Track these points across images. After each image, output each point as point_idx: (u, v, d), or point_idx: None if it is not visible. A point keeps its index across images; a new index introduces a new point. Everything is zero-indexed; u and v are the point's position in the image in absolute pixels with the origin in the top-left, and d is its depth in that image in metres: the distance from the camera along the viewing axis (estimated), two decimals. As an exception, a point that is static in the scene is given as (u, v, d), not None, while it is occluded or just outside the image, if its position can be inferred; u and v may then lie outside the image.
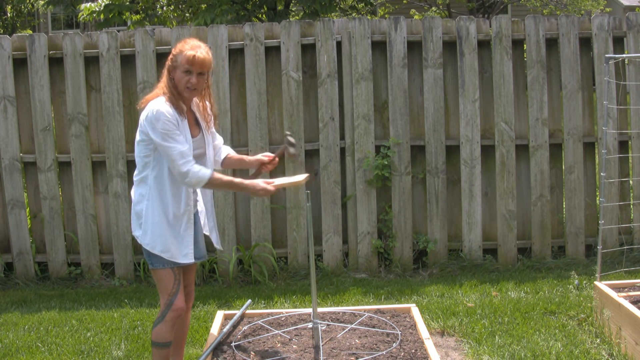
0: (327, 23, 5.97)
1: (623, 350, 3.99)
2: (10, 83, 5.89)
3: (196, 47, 3.36)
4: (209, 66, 3.40)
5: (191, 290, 3.68)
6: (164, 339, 3.42)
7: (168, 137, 3.29)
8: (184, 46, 3.37)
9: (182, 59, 3.34)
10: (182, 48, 3.37)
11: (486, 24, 6.05)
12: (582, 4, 14.70)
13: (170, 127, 3.28)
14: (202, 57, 3.34)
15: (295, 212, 5.99)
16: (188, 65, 3.32)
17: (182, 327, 3.69)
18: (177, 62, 3.36)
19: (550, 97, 6.11)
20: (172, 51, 3.42)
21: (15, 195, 5.95)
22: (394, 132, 5.97)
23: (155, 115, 3.30)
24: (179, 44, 3.41)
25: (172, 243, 3.37)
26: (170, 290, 3.40)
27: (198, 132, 3.51)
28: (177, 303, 3.39)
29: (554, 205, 6.15)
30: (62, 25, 18.86)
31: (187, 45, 3.37)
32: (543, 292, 5.24)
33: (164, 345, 3.43)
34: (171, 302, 3.39)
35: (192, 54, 3.31)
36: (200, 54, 3.33)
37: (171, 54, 3.41)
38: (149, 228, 3.37)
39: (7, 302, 5.44)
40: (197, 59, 3.32)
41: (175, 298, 3.39)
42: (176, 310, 3.40)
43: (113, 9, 9.46)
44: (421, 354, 3.60)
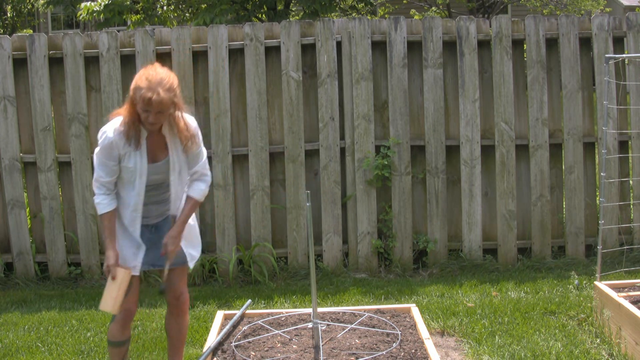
0: (327, 23, 5.97)
1: (623, 350, 3.99)
2: (10, 83, 5.89)
3: (153, 88, 3.16)
4: (167, 106, 3.22)
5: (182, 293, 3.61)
6: (115, 338, 3.50)
7: (98, 162, 3.33)
8: (142, 82, 3.19)
9: (139, 98, 3.18)
10: (140, 84, 3.19)
11: (486, 24, 6.05)
12: (582, 4, 14.70)
13: (105, 156, 3.30)
14: (159, 100, 3.16)
15: (295, 212, 5.99)
16: (145, 106, 3.19)
17: (179, 331, 3.67)
18: (136, 99, 3.20)
19: (550, 97, 6.11)
20: (133, 82, 3.24)
21: (15, 195, 5.95)
22: (394, 132, 5.97)
23: (100, 137, 3.31)
24: (139, 77, 3.22)
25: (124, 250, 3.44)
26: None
27: (164, 157, 3.41)
28: (125, 304, 3.42)
29: (554, 205, 6.15)
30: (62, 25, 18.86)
31: (144, 81, 3.18)
32: (543, 292, 5.24)
33: (116, 344, 3.50)
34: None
35: (149, 97, 3.15)
36: (156, 98, 3.15)
37: (133, 83, 3.24)
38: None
39: (7, 302, 5.44)
40: (153, 103, 3.16)
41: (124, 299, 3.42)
42: (124, 311, 3.44)
43: (113, 9, 9.45)
44: (421, 354, 3.60)
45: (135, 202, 3.39)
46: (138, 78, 3.22)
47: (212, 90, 5.91)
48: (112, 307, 3.35)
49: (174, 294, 3.60)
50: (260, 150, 5.96)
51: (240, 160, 6.06)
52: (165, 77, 3.24)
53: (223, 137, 5.92)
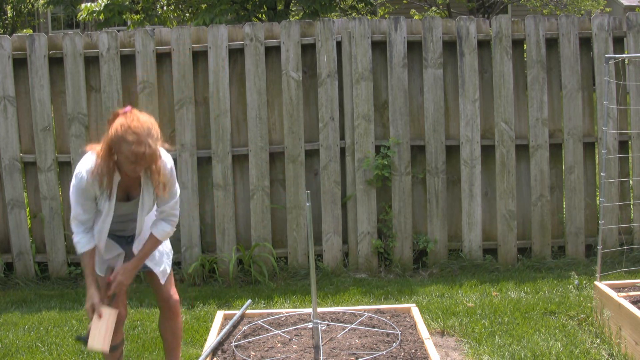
0: (327, 23, 5.97)
1: (623, 350, 3.99)
2: (10, 83, 5.89)
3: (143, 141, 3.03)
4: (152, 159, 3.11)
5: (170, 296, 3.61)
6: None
7: (74, 200, 3.28)
8: (128, 134, 3.03)
9: (127, 152, 3.04)
10: (126, 137, 3.03)
11: (486, 24, 6.05)
12: (582, 4, 14.71)
13: (80, 196, 3.26)
14: (151, 153, 3.07)
15: (295, 212, 5.99)
16: (135, 160, 3.06)
17: (173, 333, 3.68)
18: (122, 151, 3.06)
19: (550, 97, 6.11)
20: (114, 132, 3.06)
21: (15, 195, 5.95)
22: (394, 132, 5.97)
23: (76, 176, 3.25)
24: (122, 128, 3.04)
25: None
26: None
27: (136, 195, 3.36)
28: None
29: (554, 205, 6.15)
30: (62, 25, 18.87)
31: (131, 135, 3.03)
32: (543, 292, 5.24)
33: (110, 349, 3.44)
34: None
35: (142, 152, 3.03)
36: (149, 151, 3.05)
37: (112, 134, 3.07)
38: None
39: (7, 302, 5.44)
40: (146, 157, 3.06)
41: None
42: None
43: (113, 9, 9.46)
44: (421, 354, 3.60)
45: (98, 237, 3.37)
46: (121, 129, 3.04)
47: (212, 90, 5.91)
48: (103, 345, 3.26)
49: (162, 297, 3.61)
50: (260, 150, 5.96)
51: (240, 160, 6.06)
52: (150, 125, 3.10)
53: (223, 137, 5.92)
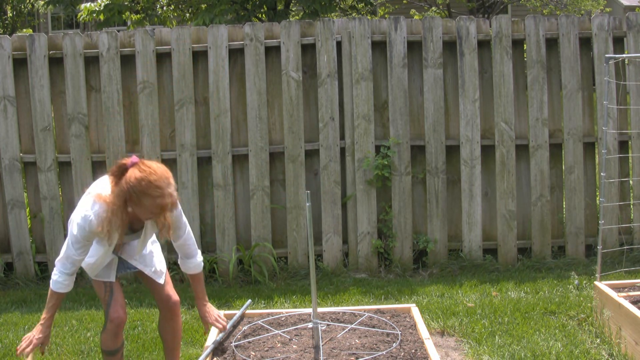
0: (327, 23, 5.97)
1: (623, 350, 3.99)
2: (10, 83, 5.89)
3: (166, 192, 3.05)
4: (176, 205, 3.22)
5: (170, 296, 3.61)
6: (108, 347, 3.47)
7: (74, 242, 3.21)
8: (151, 189, 3.02)
9: (152, 206, 3.05)
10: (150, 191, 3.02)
11: (486, 24, 6.05)
12: (582, 4, 14.71)
13: (84, 239, 3.20)
14: (173, 202, 3.11)
15: (295, 212, 5.99)
16: (160, 212, 3.10)
17: (173, 334, 3.68)
18: (142, 204, 3.06)
19: (550, 97, 6.11)
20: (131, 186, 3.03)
21: (15, 195, 5.95)
22: (394, 132, 5.97)
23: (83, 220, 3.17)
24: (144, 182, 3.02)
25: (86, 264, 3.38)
26: (104, 300, 3.43)
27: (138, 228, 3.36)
28: (112, 313, 3.40)
29: (554, 205, 6.15)
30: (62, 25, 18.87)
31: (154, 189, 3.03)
32: (543, 292, 5.24)
33: (110, 353, 3.48)
34: (107, 313, 3.42)
35: (166, 203, 3.06)
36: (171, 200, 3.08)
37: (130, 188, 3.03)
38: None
39: (7, 302, 5.44)
40: (169, 206, 3.10)
41: (110, 308, 3.40)
42: (113, 320, 3.40)
43: (113, 9, 9.46)
44: (421, 354, 3.60)
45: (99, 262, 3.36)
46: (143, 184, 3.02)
47: (212, 90, 5.91)
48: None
49: (161, 298, 3.61)
50: (260, 150, 5.96)
51: (240, 160, 6.06)
52: (167, 174, 3.11)
53: (223, 137, 5.92)
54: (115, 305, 3.41)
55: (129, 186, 3.04)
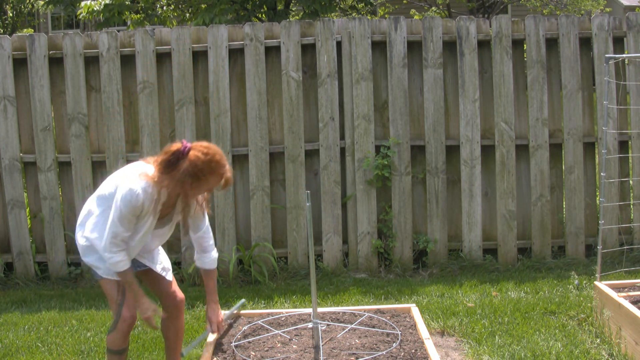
0: (327, 23, 5.97)
1: (623, 350, 3.99)
2: (10, 83, 5.89)
3: (228, 169, 3.28)
4: None
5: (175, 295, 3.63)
6: (116, 347, 3.47)
7: (120, 217, 3.24)
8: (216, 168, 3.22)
9: (215, 181, 3.24)
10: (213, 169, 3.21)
11: (486, 24, 6.05)
12: (582, 4, 14.71)
13: (130, 213, 3.23)
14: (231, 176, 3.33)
15: (295, 212, 5.99)
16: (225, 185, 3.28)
17: (175, 332, 3.68)
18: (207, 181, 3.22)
19: (550, 97, 6.11)
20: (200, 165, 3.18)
21: (15, 195, 5.95)
22: (394, 132, 5.97)
23: (130, 194, 3.20)
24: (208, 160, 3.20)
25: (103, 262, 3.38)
26: (115, 300, 3.42)
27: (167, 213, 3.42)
28: (126, 313, 3.40)
29: (554, 205, 6.15)
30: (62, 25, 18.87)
31: (221, 167, 3.24)
32: (543, 292, 5.24)
33: (117, 352, 3.48)
34: (119, 313, 3.41)
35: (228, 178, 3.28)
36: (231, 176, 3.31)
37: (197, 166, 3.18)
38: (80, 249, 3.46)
39: (7, 302, 5.44)
40: (230, 182, 3.31)
41: (122, 308, 3.41)
42: (125, 320, 3.41)
43: (113, 9, 9.45)
44: (421, 354, 3.60)
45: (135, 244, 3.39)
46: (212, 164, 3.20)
47: (212, 90, 5.91)
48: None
49: (168, 295, 3.61)
50: (260, 150, 5.96)
51: (240, 160, 6.06)
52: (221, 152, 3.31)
53: (223, 137, 5.92)
54: (128, 305, 3.41)
55: (196, 168, 3.18)
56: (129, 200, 3.20)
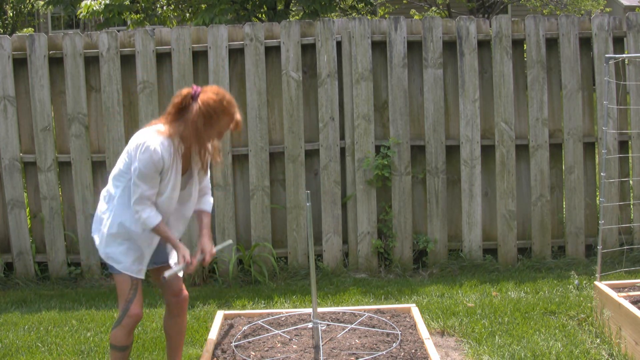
0: (327, 23, 5.97)
1: (623, 350, 3.99)
2: (10, 83, 5.89)
3: (238, 110, 3.34)
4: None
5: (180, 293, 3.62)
6: (120, 343, 3.45)
7: (142, 176, 3.25)
8: (229, 107, 3.29)
9: (226, 122, 3.30)
10: (227, 109, 3.29)
11: (486, 24, 6.05)
12: (582, 4, 14.71)
13: (151, 170, 3.24)
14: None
15: (295, 212, 5.99)
16: (235, 126, 3.34)
17: (178, 331, 3.67)
18: (219, 123, 3.29)
19: (550, 97, 6.11)
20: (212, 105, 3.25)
21: (15, 195, 5.95)
22: (394, 132, 5.97)
23: (147, 151, 3.22)
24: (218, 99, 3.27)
25: (126, 257, 3.38)
26: (127, 297, 3.41)
27: (186, 169, 3.45)
28: (133, 309, 3.40)
29: (554, 205, 6.15)
30: (62, 25, 18.87)
31: (232, 107, 3.30)
32: (543, 292, 5.24)
33: (121, 349, 3.47)
34: (127, 309, 3.41)
35: (239, 120, 3.34)
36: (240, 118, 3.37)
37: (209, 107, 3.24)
38: (104, 239, 3.41)
39: (7, 302, 5.44)
40: (240, 124, 3.37)
41: (131, 304, 3.40)
42: (132, 316, 3.41)
43: (113, 9, 9.46)
44: (421, 354, 3.60)
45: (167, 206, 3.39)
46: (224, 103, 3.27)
47: (212, 90, 5.90)
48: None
49: (174, 292, 3.60)
50: (260, 150, 5.96)
51: (240, 160, 6.06)
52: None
53: (223, 137, 5.91)
54: (136, 302, 3.41)
55: (209, 108, 3.24)
56: (148, 157, 3.22)
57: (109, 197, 3.43)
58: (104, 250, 3.42)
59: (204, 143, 3.34)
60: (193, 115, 3.25)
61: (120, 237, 3.39)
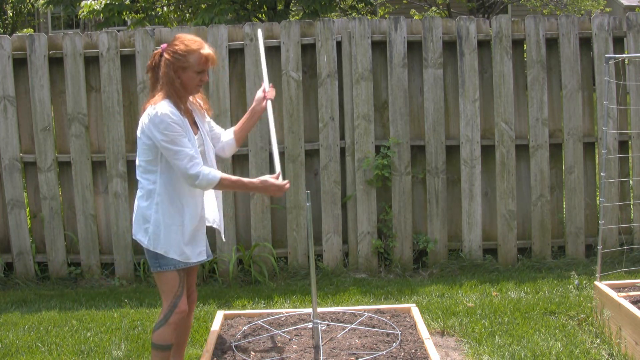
0: (327, 23, 5.97)
1: (623, 350, 3.99)
2: (10, 83, 5.89)
3: (203, 44, 3.32)
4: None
5: (193, 291, 3.66)
6: (166, 342, 3.38)
7: (175, 141, 3.22)
8: (191, 44, 3.28)
9: (195, 59, 3.27)
10: (190, 47, 3.27)
11: (486, 24, 6.05)
12: (582, 4, 14.71)
13: (176, 129, 3.22)
14: (213, 54, 3.35)
15: (295, 212, 5.99)
16: (203, 65, 3.30)
17: (185, 329, 3.66)
18: (189, 63, 3.27)
19: (550, 97, 6.11)
20: (175, 50, 3.29)
21: (15, 195, 5.95)
22: (394, 132, 5.97)
23: (161, 118, 3.21)
24: (180, 42, 3.30)
25: (186, 245, 3.35)
26: (175, 293, 3.37)
27: (197, 131, 3.45)
28: (181, 305, 3.37)
29: (554, 205, 6.15)
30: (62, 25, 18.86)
31: (193, 43, 3.30)
32: (543, 292, 5.24)
33: (166, 348, 3.39)
34: (175, 305, 3.36)
35: (206, 54, 3.29)
36: (212, 52, 3.34)
37: (174, 52, 3.28)
38: (162, 232, 3.32)
39: (7, 302, 5.44)
40: (211, 58, 3.32)
41: (179, 300, 3.37)
42: (180, 312, 3.37)
43: (113, 9, 9.46)
44: (421, 354, 3.60)
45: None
46: (180, 44, 3.29)
47: (212, 90, 5.91)
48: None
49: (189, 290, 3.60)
50: (260, 150, 5.96)
51: (240, 160, 6.06)
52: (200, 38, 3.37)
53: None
54: (183, 299, 3.38)
55: (175, 54, 3.28)
56: (166, 121, 3.22)
57: (147, 193, 3.35)
58: (152, 250, 3.33)
59: (190, 90, 3.34)
60: (163, 67, 3.29)
61: (177, 226, 3.33)
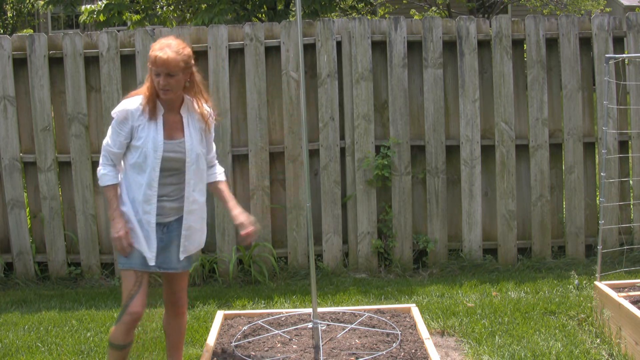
0: (327, 23, 5.97)
1: (623, 350, 3.99)
2: (10, 83, 5.89)
3: (163, 47, 3.24)
4: (175, 67, 3.23)
5: (180, 298, 3.59)
6: (118, 341, 3.36)
7: (111, 132, 3.36)
8: (154, 46, 3.29)
9: (151, 59, 3.26)
10: (153, 47, 3.29)
11: (486, 24, 6.05)
12: (582, 4, 14.70)
13: (116, 124, 3.33)
14: (165, 57, 3.20)
15: (295, 212, 5.99)
16: (154, 67, 3.25)
17: (176, 331, 3.64)
18: (150, 62, 3.29)
19: (550, 97, 6.11)
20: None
21: (15, 195, 5.95)
22: (394, 132, 5.97)
23: (118, 107, 3.36)
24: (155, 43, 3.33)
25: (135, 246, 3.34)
26: (129, 292, 3.33)
27: (181, 137, 3.37)
28: (133, 307, 3.31)
29: (554, 205, 6.15)
30: (62, 25, 18.86)
31: (157, 44, 3.29)
32: (543, 292, 5.24)
33: (119, 347, 3.37)
34: (127, 305, 3.32)
35: (154, 55, 3.23)
36: (163, 55, 3.20)
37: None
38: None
39: (7, 302, 5.44)
40: (158, 60, 3.21)
41: (132, 301, 3.31)
42: (131, 314, 3.31)
43: (113, 9, 9.46)
44: (421, 354, 3.60)
45: (149, 178, 3.30)
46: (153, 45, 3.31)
47: (212, 90, 5.91)
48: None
49: (173, 298, 3.58)
50: (260, 150, 5.96)
51: (240, 160, 6.06)
52: (177, 42, 3.32)
53: (223, 137, 5.92)
54: (137, 300, 3.31)
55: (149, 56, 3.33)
56: (117, 113, 3.34)
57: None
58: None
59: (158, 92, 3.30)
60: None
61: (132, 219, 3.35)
